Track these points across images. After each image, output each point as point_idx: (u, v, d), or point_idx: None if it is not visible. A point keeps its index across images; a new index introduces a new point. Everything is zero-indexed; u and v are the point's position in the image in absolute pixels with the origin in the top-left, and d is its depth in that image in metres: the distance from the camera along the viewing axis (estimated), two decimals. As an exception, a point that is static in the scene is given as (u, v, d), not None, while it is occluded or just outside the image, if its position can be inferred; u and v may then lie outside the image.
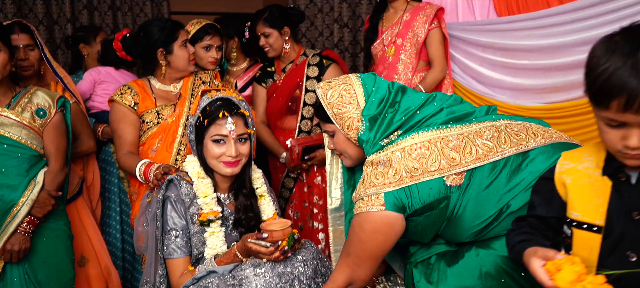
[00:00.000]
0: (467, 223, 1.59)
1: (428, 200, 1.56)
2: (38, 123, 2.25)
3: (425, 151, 1.57)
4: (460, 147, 1.57)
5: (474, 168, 1.56)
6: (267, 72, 3.06)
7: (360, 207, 1.61)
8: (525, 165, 1.57)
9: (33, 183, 2.20)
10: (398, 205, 1.56)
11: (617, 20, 2.56)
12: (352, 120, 1.69)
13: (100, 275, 2.69)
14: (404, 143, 1.60)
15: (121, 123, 2.41)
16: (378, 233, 1.59)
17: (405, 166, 1.56)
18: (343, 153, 1.80)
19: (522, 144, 1.59)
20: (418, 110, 1.67)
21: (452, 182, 1.56)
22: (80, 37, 3.27)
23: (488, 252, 1.61)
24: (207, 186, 1.95)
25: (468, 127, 1.63)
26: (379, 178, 1.58)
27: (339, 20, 3.94)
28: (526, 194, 1.53)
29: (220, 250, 1.91)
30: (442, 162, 1.56)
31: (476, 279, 1.61)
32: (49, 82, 2.69)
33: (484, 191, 1.56)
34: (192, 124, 1.96)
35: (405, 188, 1.55)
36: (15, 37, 2.52)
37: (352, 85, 1.72)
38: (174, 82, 2.52)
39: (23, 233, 2.16)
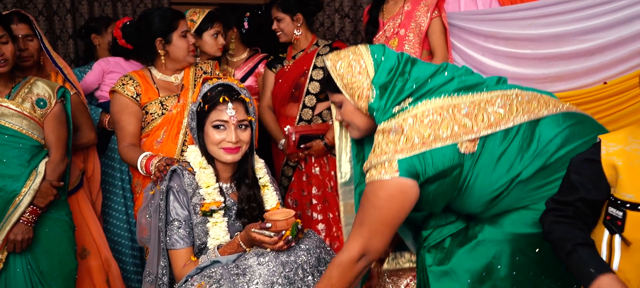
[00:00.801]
0: (478, 192, 1.58)
1: (441, 167, 1.55)
2: (38, 113, 2.24)
3: (438, 117, 1.56)
4: (472, 115, 1.57)
5: (487, 136, 1.56)
6: (278, 58, 3.09)
7: (372, 175, 1.59)
8: (537, 133, 1.57)
9: (35, 173, 2.19)
10: (412, 172, 1.54)
11: (620, 9, 2.55)
12: (362, 89, 1.67)
13: (100, 266, 2.70)
14: (416, 110, 1.58)
15: (123, 114, 2.38)
16: (393, 200, 1.57)
17: (418, 132, 1.55)
18: (350, 124, 1.78)
19: (534, 111, 1.59)
20: (429, 79, 1.66)
21: (466, 150, 1.55)
22: (92, 28, 3.28)
23: (498, 231, 1.60)
24: (209, 176, 1.95)
25: (479, 95, 1.61)
26: (390, 145, 1.56)
27: (340, 11, 3.92)
28: (537, 162, 1.53)
29: (223, 240, 1.91)
30: (454, 128, 1.55)
31: (490, 259, 1.60)
32: (49, 72, 2.68)
33: (496, 159, 1.56)
34: (193, 111, 1.95)
35: (419, 155, 1.54)
36: (14, 27, 2.51)
37: (361, 56, 1.71)
38: (175, 73, 2.50)
39: (26, 223, 2.16)
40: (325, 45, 3.03)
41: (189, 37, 2.47)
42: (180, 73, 2.53)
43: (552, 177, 1.56)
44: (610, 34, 2.58)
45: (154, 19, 2.44)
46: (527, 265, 1.58)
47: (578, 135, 1.58)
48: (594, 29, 2.61)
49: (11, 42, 2.23)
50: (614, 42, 2.56)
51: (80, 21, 3.76)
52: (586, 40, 2.65)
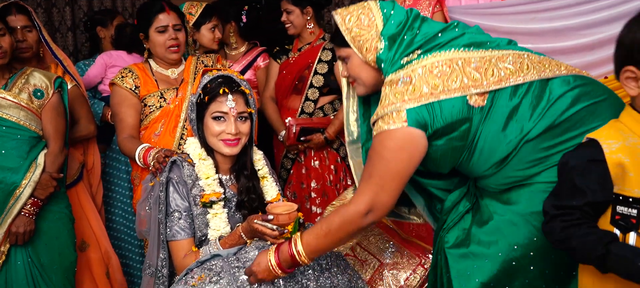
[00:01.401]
0: (488, 150, 1.56)
1: (450, 119, 1.52)
2: (36, 104, 2.24)
3: (447, 69, 1.54)
4: (482, 69, 1.54)
5: (497, 91, 1.53)
6: (284, 49, 3.09)
7: (380, 126, 1.56)
8: (547, 91, 1.54)
9: (34, 165, 2.19)
10: (420, 122, 1.52)
11: (620, 3, 2.56)
12: (370, 42, 1.65)
13: (100, 259, 2.70)
14: (425, 61, 1.56)
15: (122, 106, 2.38)
16: (402, 150, 1.54)
17: (427, 82, 1.53)
18: (357, 79, 1.75)
19: (545, 71, 1.56)
20: (439, 33, 1.63)
21: (475, 103, 1.53)
22: (98, 20, 3.28)
23: (514, 211, 1.57)
24: (208, 167, 1.94)
25: (490, 52, 1.59)
26: (398, 96, 1.54)
27: (341, 5, 3.91)
28: (546, 120, 1.51)
29: (223, 232, 1.91)
30: (464, 80, 1.53)
31: (507, 240, 1.57)
32: (48, 64, 2.68)
33: (506, 115, 1.53)
34: (193, 102, 1.95)
35: (427, 105, 1.51)
36: (13, 18, 2.50)
37: (370, 10, 1.68)
38: (171, 67, 2.49)
39: (27, 215, 2.16)
40: None
41: (170, 32, 2.40)
42: (179, 67, 2.51)
43: (562, 138, 1.52)
44: (611, 28, 2.58)
45: (138, 13, 2.46)
46: (546, 246, 1.53)
47: (588, 95, 1.55)
48: (595, 23, 2.61)
49: (8, 34, 2.23)
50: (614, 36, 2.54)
51: (79, 13, 3.75)
52: (587, 34, 2.66)
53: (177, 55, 2.44)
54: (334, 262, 1.90)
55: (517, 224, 1.56)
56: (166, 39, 2.39)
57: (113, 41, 3.15)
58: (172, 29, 2.40)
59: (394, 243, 2.60)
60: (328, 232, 1.63)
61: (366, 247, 2.61)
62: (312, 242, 1.65)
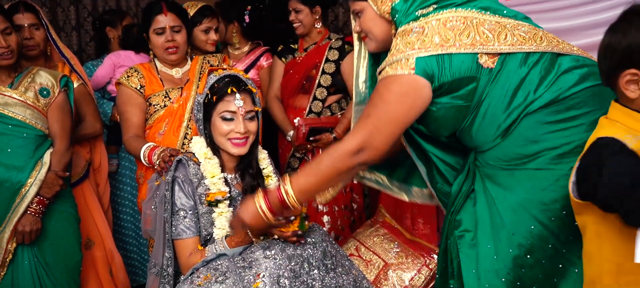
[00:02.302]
0: (491, 116, 1.55)
1: (458, 75, 1.51)
2: (42, 103, 2.24)
3: (461, 24, 1.53)
4: (495, 31, 1.53)
5: (508, 55, 1.52)
6: (289, 48, 3.09)
7: (387, 71, 1.55)
8: (556, 65, 1.53)
9: (40, 163, 2.19)
10: (428, 72, 1.50)
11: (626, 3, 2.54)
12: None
13: (105, 258, 2.71)
14: (440, 15, 1.55)
15: (127, 105, 2.39)
16: (405, 96, 1.52)
17: (439, 33, 1.51)
18: (369, 33, 1.72)
19: (559, 46, 1.56)
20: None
21: (485, 64, 1.52)
22: (107, 20, 3.28)
23: (508, 194, 1.57)
24: (214, 166, 1.95)
25: (506, 19, 1.58)
26: (408, 45, 1.52)
27: (345, 4, 3.91)
28: (549, 94, 1.50)
29: (228, 230, 1.91)
30: (476, 37, 1.51)
31: (507, 228, 1.56)
32: (56, 63, 2.69)
33: (514, 81, 1.53)
34: (200, 102, 1.95)
35: (437, 56, 1.50)
36: (20, 16, 2.51)
37: None
38: (175, 66, 2.49)
39: (34, 214, 2.16)
40: (337, 38, 3.04)
41: (167, 33, 2.39)
42: (184, 66, 2.51)
43: (564, 116, 1.51)
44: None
45: (142, 13, 2.47)
46: (544, 235, 1.54)
47: (596, 76, 1.52)
48: (601, 23, 2.60)
49: (15, 33, 2.24)
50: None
51: (83, 13, 3.76)
52: (591, 34, 2.65)
53: (175, 57, 2.43)
54: (339, 262, 1.89)
55: (516, 212, 1.56)
56: (163, 41, 2.39)
57: (121, 41, 3.15)
58: (170, 31, 2.39)
59: (398, 243, 2.61)
60: (317, 171, 1.61)
61: (371, 247, 2.61)
62: (301, 181, 1.63)
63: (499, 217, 1.58)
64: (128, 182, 3.00)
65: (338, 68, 2.96)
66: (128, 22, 3.25)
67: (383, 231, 2.67)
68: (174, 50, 2.41)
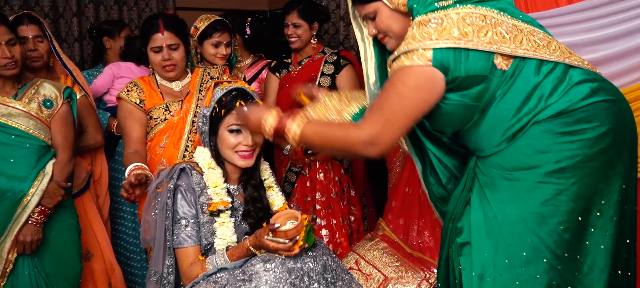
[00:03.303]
0: (499, 118, 1.54)
1: (472, 72, 1.49)
2: (45, 114, 2.26)
3: (480, 22, 1.51)
4: (512, 33, 1.52)
5: (522, 60, 1.52)
6: (283, 63, 3.11)
7: (402, 61, 1.52)
8: (567, 77, 1.52)
9: (42, 174, 2.20)
10: (444, 65, 1.48)
11: (625, 21, 2.56)
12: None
13: (104, 270, 2.70)
14: (460, 9, 1.53)
15: (127, 120, 2.40)
16: (420, 89, 1.50)
17: (458, 27, 1.49)
18: (387, 32, 1.69)
19: (571, 58, 1.56)
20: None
21: (499, 65, 1.51)
22: (105, 30, 3.28)
23: (506, 206, 1.55)
24: (217, 176, 1.96)
25: (523, 24, 1.57)
26: (425, 35, 1.49)
27: (345, 18, 3.93)
28: (559, 105, 1.49)
29: (229, 241, 1.92)
30: (494, 36, 1.50)
31: (503, 238, 1.55)
32: (58, 74, 2.70)
33: (527, 87, 1.52)
34: (206, 115, 1.96)
35: (455, 50, 1.48)
36: (24, 28, 2.53)
37: None
38: (175, 80, 2.50)
39: (35, 224, 2.16)
40: (332, 53, 3.05)
41: (164, 52, 2.38)
42: (184, 79, 2.52)
43: (573, 128, 1.50)
44: (616, 45, 2.58)
45: (140, 28, 2.46)
46: (539, 248, 1.52)
47: (606, 91, 1.54)
48: (600, 40, 2.62)
49: (19, 44, 2.27)
50: (620, 53, 2.57)
51: (86, 24, 3.78)
52: (592, 51, 2.66)
53: (172, 74, 2.43)
54: (339, 275, 1.89)
55: (513, 223, 1.54)
56: (160, 59, 2.39)
57: (122, 53, 3.16)
58: (167, 49, 2.38)
59: (398, 257, 2.60)
60: (325, 136, 1.63)
61: (371, 261, 2.61)
62: (307, 131, 1.64)
63: (496, 226, 1.57)
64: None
65: (333, 81, 2.98)
66: (127, 34, 3.26)
67: (383, 245, 2.67)
68: (172, 68, 2.41)
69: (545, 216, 1.52)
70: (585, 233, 1.53)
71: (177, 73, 2.45)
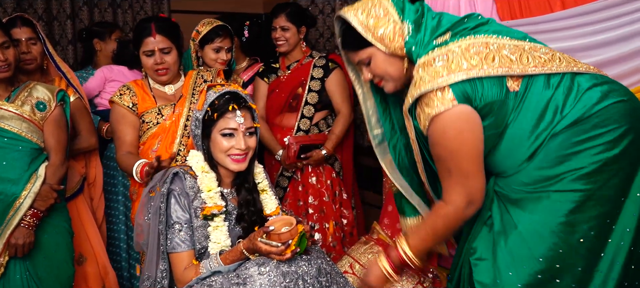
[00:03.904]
0: (517, 139, 1.54)
1: (490, 99, 1.49)
2: (38, 116, 2.24)
3: (484, 49, 1.51)
4: (516, 54, 1.53)
5: (531, 77, 1.52)
6: (271, 68, 3.10)
7: (427, 113, 1.51)
8: (576, 84, 1.53)
9: (35, 176, 2.19)
10: (466, 96, 1.48)
11: (619, 27, 2.57)
12: (392, 31, 1.59)
13: (97, 274, 2.69)
14: (460, 42, 1.53)
15: (120, 124, 2.39)
16: (463, 133, 1.50)
17: (465, 58, 1.49)
18: (384, 76, 1.68)
19: (577, 66, 1.56)
20: (465, 19, 1.61)
21: (511, 87, 1.51)
22: (96, 32, 3.26)
23: (533, 217, 1.55)
24: (211, 180, 1.95)
25: (521, 42, 1.58)
26: (436, 74, 1.48)
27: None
28: (574, 113, 1.50)
29: (224, 244, 1.91)
30: (503, 61, 1.50)
31: (531, 252, 1.55)
32: (53, 77, 2.69)
33: (539, 103, 1.52)
34: (199, 119, 1.95)
35: (470, 80, 1.48)
36: (18, 30, 2.52)
37: (380, 2, 1.62)
38: (168, 83, 2.48)
39: (27, 227, 2.15)
40: (320, 57, 3.06)
41: (156, 56, 2.36)
42: (177, 83, 2.51)
43: (590, 134, 1.50)
44: (610, 50, 2.60)
45: (133, 31, 2.45)
46: (573, 258, 1.52)
47: (617, 92, 1.54)
48: (594, 45, 2.63)
49: (13, 46, 2.26)
50: (613, 58, 2.58)
51: (80, 27, 3.76)
52: (585, 56, 2.66)
53: (165, 78, 2.42)
54: (334, 279, 1.89)
55: (543, 235, 1.53)
56: (153, 63, 2.37)
57: (114, 56, 3.15)
58: (159, 53, 2.36)
59: (393, 261, 2.59)
60: (434, 234, 1.66)
61: (365, 265, 2.60)
62: (419, 246, 1.70)
63: (522, 243, 1.56)
64: (121, 199, 2.98)
65: (323, 85, 2.99)
66: (118, 36, 3.24)
67: (377, 248, 2.67)
68: (164, 72, 2.39)
69: (574, 224, 1.52)
70: (611, 234, 1.54)
71: (170, 77, 2.44)
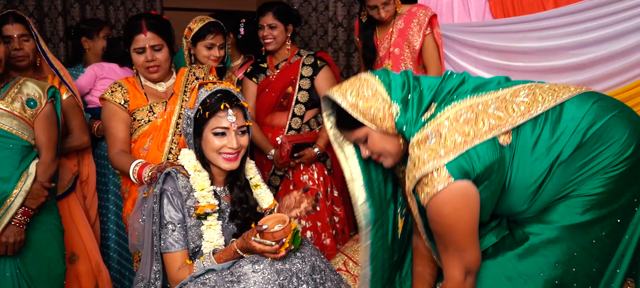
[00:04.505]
0: (521, 184, 1.57)
1: (488, 162, 1.52)
2: (28, 113, 2.22)
3: (472, 115, 1.55)
4: (502, 107, 1.56)
5: (519, 126, 1.55)
6: (259, 68, 3.08)
7: (427, 193, 1.53)
8: (565, 114, 1.56)
9: (25, 174, 2.17)
10: (463, 172, 1.50)
11: (610, 25, 2.60)
12: (382, 110, 1.62)
13: (90, 272, 2.67)
14: (447, 112, 1.56)
15: (112, 121, 2.37)
16: (460, 210, 1.52)
17: (457, 131, 1.52)
18: (382, 153, 1.72)
19: (558, 96, 1.59)
20: (443, 84, 1.65)
21: (504, 142, 1.54)
22: (83, 30, 3.23)
23: (550, 227, 1.58)
24: (204, 179, 1.94)
25: (500, 91, 1.61)
26: (432, 152, 1.52)
27: (334, 19, 3.94)
28: (573, 140, 1.53)
29: (217, 243, 1.90)
30: (491, 121, 1.53)
31: (545, 259, 1.58)
32: (46, 74, 2.67)
33: (532, 147, 1.55)
34: (191, 117, 1.94)
35: (464, 154, 1.50)
36: (9, 27, 2.50)
37: (367, 81, 1.67)
38: (159, 81, 2.47)
39: (18, 225, 2.13)
40: (309, 55, 3.03)
41: (147, 53, 2.35)
42: (168, 80, 2.49)
43: (592, 154, 1.54)
44: (601, 48, 2.62)
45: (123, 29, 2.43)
46: (588, 261, 1.55)
47: (606, 109, 1.57)
48: (585, 43, 2.66)
49: (3, 43, 2.23)
50: (604, 56, 2.61)
51: (72, 24, 3.74)
52: (577, 54, 2.70)
53: (156, 75, 2.40)
54: (328, 276, 1.89)
55: (556, 241, 1.57)
56: (144, 60, 2.36)
57: (104, 54, 3.12)
58: (150, 50, 2.35)
59: (386, 258, 2.60)
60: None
61: (359, 262, 2.60)
62: None
63: (537, 251, 1.59)
64: (106, 195, 2.96)
65: (313, 83, 2.98)
66: (106, 34, 3.22)
67: (371, 246, 2.67)
68: (155, 69, 2.38)
69: (587, 226, 1.55)
70: (624, 235, 1.58)
71: (161, 74, 2.42)
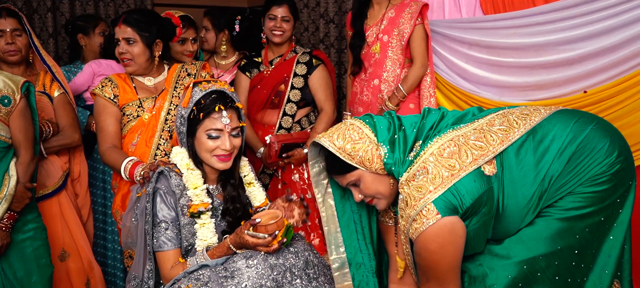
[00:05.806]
0: (515, 208, 1.62)
1: (476, 194, 1.56)
2: (3, 112, 2.14)
3: (454, 148, 1.60)
4: (481, 138, 1.62)
5: (501, 153, 1.61)
6: (253, 62, 3.04)
7: (416, 228, 1.57)
8: (545, 135, 1.63)
9: (7, 177, 2.12)
10: (450, 207, 1.54)
11: (600, 20, 2.62)
12: (370, 153, 1.67)
13: (81, 269, 2.64)
14: (431, 148, 1.62)
15: (102, 115, 2.36)
16: (446, 245, 1.55)
17: (443, 166, 1.57)
18: (375, 196, 1.75)
19: (531, 118, 1.66)
20: (423, 121, 1.71)
21: (489, 172, 1.59)
22: (79, 27, 3.21)
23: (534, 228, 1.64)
24: (196, 178, 1.94)
25: (476, 122, 1.68)
26: (421, 190, 1.57)
27: (325, 16, 3.93)
28: (559, 158, 1.59)
29: (211, 241, 1.90)
30: (473, 152, 1.59)
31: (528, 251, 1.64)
32: (38, 71, 2.64)
33: (518, 171, 1.60)
34: (184, 116, 1.93)
35: (451, 189, 1.55)
36: (2, 21, 2.47)
37: (353, 124, 1.72)
38: (148, 76, 2.46)
39: (3, 229, 2.10)
40: (305, 52, 3.01)
41: (121, 45, 2.35)
42: (158, 76, 2.48)
43: (581, 164, 1.60)
44: (591, 44, 2.64)
45: None
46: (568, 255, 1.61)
47: (585, 123, 1.64)
48: (575, 39, 2.67)
49: None
50: (594, 52, 2.63)
51: (61, 20, 3.71)
52: (567, 49, 2.71)
53: (130, 69, 2.39)
54: (321, 271, 1.90)
55: (542, 241, 1.63)
56: (118, 53, 2.37)
57: (102, 50, 3.11)
58: (124, 42, 2.34)
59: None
60: None
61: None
62: None
63: (520, 241, 1.65)
64: (97, 192, 2.95)
65: (306, 82, 2.96)
66: (102, 30, 3.20)
67: (364, 241, 2.68)
68: (127, 62, 2.37)
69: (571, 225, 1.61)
70: (607, 235, 1.65)
71: (135, 68, 2.39)
